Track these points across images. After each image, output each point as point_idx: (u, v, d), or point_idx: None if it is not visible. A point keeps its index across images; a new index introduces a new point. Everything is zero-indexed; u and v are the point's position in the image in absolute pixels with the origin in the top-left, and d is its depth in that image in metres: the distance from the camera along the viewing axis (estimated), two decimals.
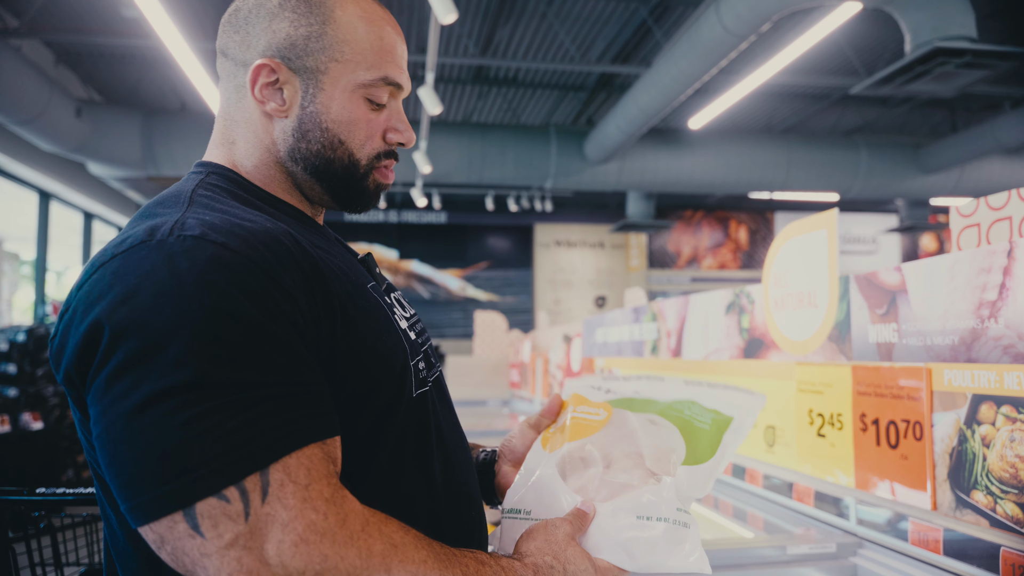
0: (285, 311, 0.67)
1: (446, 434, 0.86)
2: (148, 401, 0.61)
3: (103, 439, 0.63)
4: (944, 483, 1.15)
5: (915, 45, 4.41)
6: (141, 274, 0.64)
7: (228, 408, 0.61)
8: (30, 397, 5.10)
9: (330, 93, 0.81)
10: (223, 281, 0.64)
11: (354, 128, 0.83)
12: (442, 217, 12.06)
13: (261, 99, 0.82)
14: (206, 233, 0.67)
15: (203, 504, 0.60)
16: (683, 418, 0.90)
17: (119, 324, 0.62)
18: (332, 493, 0.64)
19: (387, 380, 0.77)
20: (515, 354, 5.12)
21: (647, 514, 0.81)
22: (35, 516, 1.36)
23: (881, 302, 1.34)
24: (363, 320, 0.76)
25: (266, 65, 0.80)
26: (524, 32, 6.90)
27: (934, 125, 9.60)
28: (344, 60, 0.81)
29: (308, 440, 0.64)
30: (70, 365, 0.66)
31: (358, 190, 0.86)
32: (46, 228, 7.71)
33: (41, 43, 6.80)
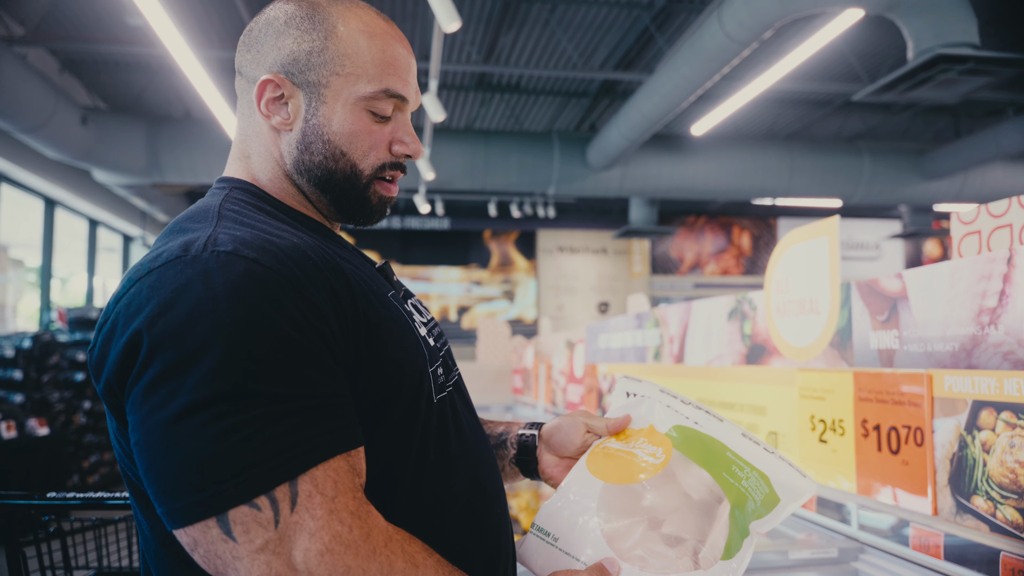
0: (314, 324, 0.70)
1: (468, 435, 0.87)
2: (185, 411, 0.64)
3: (141, 446, 0.66)
4: (945, 488, 1.15)
5: (917, 52, 4.42)
6: (177, 288, 0.67)
7: (260, 420, 0.65)
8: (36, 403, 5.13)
9: (332, 106, 0.83)
10: (255, 296, 0.67)
11: (356, 140, 0.84)
12: (445, 223, 12.09)
13: (267, 113, 0.85)
14: (238, 249, 0.70)
15: (236, 511, 0.63)
16: (739, 490, 0.86)
17: (157, 335, 0.65)
18: (357, 507, 0.67)
19: (408, 387, 0.79)
20: (518, 360, 5.13)
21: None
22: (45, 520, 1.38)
23: (882, 309, 1.35)
24: (385, 328, 0.78)
25: (271, 80, 0.83)
26: (527, 39, 6.93)
27: (937, 131, 9.61)
28: (345, 73, 0.83)
29: (334, 452, 0.67)
30: (111, 375, 0.69)
31: (360, 201, 0.88)
32: (51, 235, 7.75)
33: (46, 51, 6.85)
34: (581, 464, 0.90)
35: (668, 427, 0.92)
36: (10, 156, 6.39)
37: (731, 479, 0.86)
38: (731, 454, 0.88)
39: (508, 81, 8.17)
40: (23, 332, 5.45)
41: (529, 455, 1.00)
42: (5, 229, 6.99)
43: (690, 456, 0.88)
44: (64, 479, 5.12)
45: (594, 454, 0.91)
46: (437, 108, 5.59)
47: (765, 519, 0.86)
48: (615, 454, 0.89)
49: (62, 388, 5.69)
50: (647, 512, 0.83)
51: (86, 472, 5.86)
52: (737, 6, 4.65)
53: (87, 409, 6.03)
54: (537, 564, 0.86)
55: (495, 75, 7.97)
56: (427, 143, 7.02)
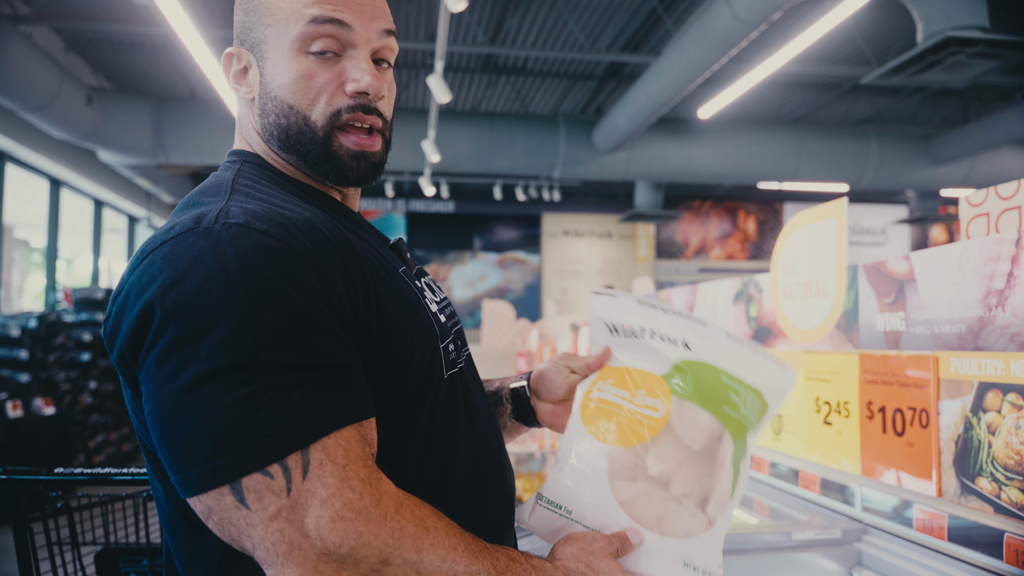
0: (324, 296, 0.70)
1: (478, 412, 0.88)
2: (198, 381, 0.64)
3: (155, 415, 0.67)
4: (949, 470, 1.15)
5: (927, 35, 4.38)
6: (189, 259, 0.67)
7: (272, 389, 0.65)
8: (42, 383, 5.16)
9: (273, 60, 0.81)
10: (266, 267, 0.67)
11: (299, 88, 0.79)
12: (450, 206, 12.07)
13: (235, 86, 0.85)
14: (250, 221, 0.70)
15: (249, 479, 0.64)
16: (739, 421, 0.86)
17: (170, 306, 0.66)
18: (368, 474, 0.67)
19: (418, 362, 0.79)
20: (523, 343, 5.14)
21: (694, 564, 0.80)
22: (52, 496, 1.39)
23: (889, 291, 1.35)
24: (395, 303, 0.78)
25: (230, 53, 0.84)
26: (533, 21, 6.87)
27: (946, 116, 9.52)
28: (275, 22, 0.80)
29: (346, 421, 0.68)
30: (123, 345, 0.69)
31: (326, 158, 0.81)
32: (57, 215, 7.76)
33: (51, 30, 6.81)
34: (576, 420, 0.88)
35: (664, 367, 0.88)
36: (15, 135, 6.38)
37: (731, 411, 0.86)
38: (726, 377, 0.87)
39: (514, 63, 8.11)
40: (29, 312, 5.48)
41: (524, 406, 1.01)
42: (10, 209, 7.00)
43: (690, 399, 0.86)
44: (70, 459, 5.17)
45: (587, 406, 0.88)
46: (443, 90, 5.55)
47: (758, 428, 0.87)
48: (611, 409, 0.86)
49: (68, 368, 5.73)
50: (656, 474, 0.82)
51: (92, 452, 5.91)
52: None
53: (93, 389, 6.07)
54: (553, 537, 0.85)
55: (501, 57, 7.91)
56: (432, 125, 6.99)
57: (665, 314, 0.90)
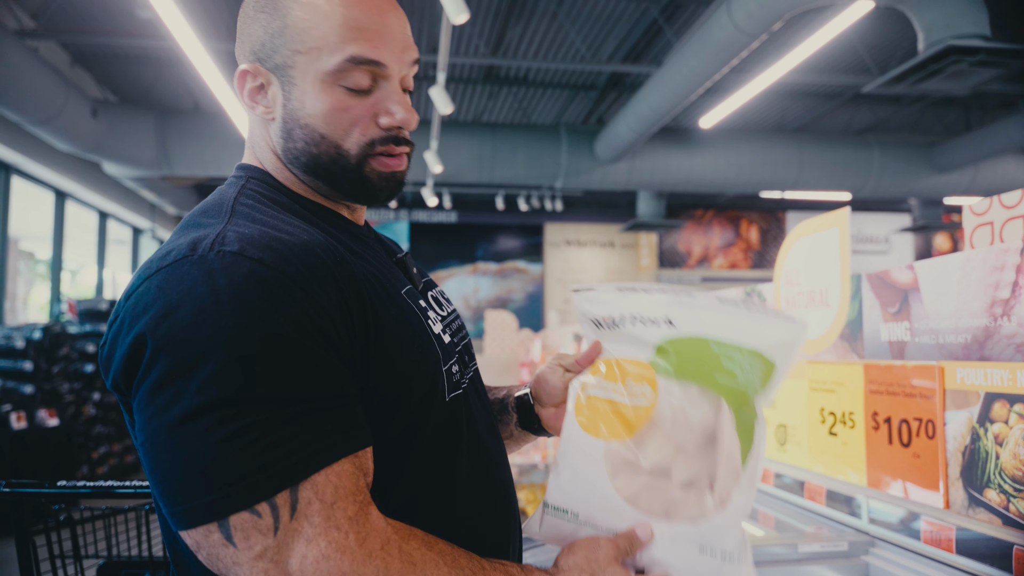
0: (319, 325, 0.69)
1: (481, 433, 0.87)
2: (188, 416, 0.64)
3: (146, 447, 0.67)
4: (957, 481, 1.15)
5: (928, 43, 4.38)
6: (182, 290, 0.67)
7: (262, 425, 0.64)
8: (46, 394, 5.16)
9: (302, 87, 0.78)
10: (259, 299, 0.67)
11: (332, 120, 0.79)
12: (452, 216, 12.09)
13: (251, 104, 0.82)
14: (244, 248, 0.69)
15: (236, 517, 0.63)
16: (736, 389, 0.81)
17: (161, 338, 0.65)
18: (356, 511, 0.66)
19: (418, 386, 0.78)
20: (525, 353, 5.13)
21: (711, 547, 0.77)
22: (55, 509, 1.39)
23: (893, 300, 1.34)
24: (395, 328, 0.77)
25: (246, 71, 0.81)
26: (535, 32, 6.90)
27: (948, 124, 9.53)
28: (307, 50, 0.77)
29: (337, 456, 0.67)
30: (117, 373, 0.70)
31: (357, 182, 0.82)
32: (62, 227, 7.79)
33: (58, 44, 6.87)
34: (570, 419, 0.86)
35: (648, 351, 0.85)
36: (21, 148, 6.42)
37: (726, 379, 0.81)
38: (716, 346, 0.82)
39: (516, 74, 8.14)
40: (33, 324, 5.49)
41: (529, 413, 1.01)
42: (16, 221, 7.03)
43: (678, 376, 0.82)
44: (73, 470, 5.16)
45: (579, 404, 0.86)
46: (445, 101, 5.58)
47: (766, 391, 0.83)
48: (602, 403, 0.84)
49: (72, 379, 5.73)
50: (654, 463, 0.80)
51: (95, 463, 5.90)
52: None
53: (96, 400, 6.07)
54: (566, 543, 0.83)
55: (503, 68, 7.95)
56: (435, 136, 7.01)
57: (648, 294, 0.86)
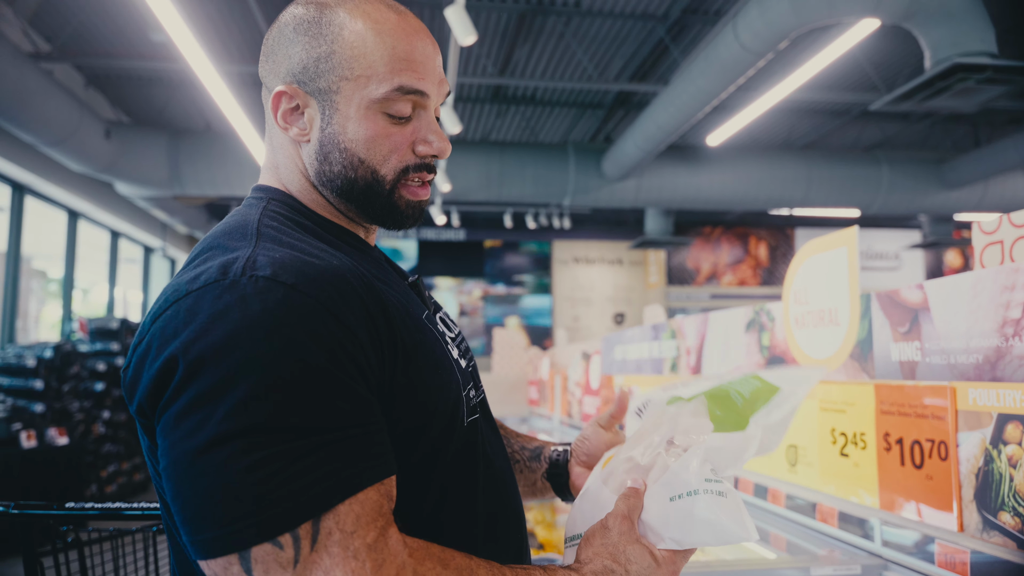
0: (350, 353, 0.68)
1: (492, 457, 0.88)
2: (213, 442, 0.63)
3: (169, 472, 0.65)
4: (971, 504, 1.13)
5: (935, 61, 4.39)
6: (214, 314, 0.66)
7: (288, 455, 0.63)
8: (56, 413, 5.18)
9: (345, 112, 0.80)
10: (292, 326, 0.66)
11: (374, 145, 0.80)
12: (461, 234, 12.13)
13: (284, 125, 0.82)
14: (277, 274, 0.68)
15: (258, 549, 0.62)
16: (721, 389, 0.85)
17: (191, 362, 0.64)
18: (375, 539, 0.65)
19: (441, 413, 0.78)
20: (534, 371, 5.11)
21: (677, 492, 0.77)
22: (63, 530, 1.39)
23: (903, 320, 1.33)
24: (421, 355, 0.77)
25: (284, 92, 0.81)
26: (542, 52, 6.96)
27: (956, 140, 9.51)
28: (355, 77, 0.79)
29: (362, 485, 0.66)
30: (143, 398, 0.68)
31: (387, 208, 0.84)
32: (74, 246, 7.86)
33: (72, 67, 6.97)
34: (594, 471, 0.90)
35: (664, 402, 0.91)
36: (35, 169, 6.50)
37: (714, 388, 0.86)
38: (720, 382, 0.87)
39: (523, 93, 8.20)
40: (45, 342, 5.52)
41: (560, 470, 1.02)
42: (29, 241, 7.10)
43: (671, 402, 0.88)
44: (82, 489, 5.17)
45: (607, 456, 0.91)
46: (453, 120, 5.62)
47: (767, 408, 0.83)
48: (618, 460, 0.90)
49: (82, 398, 5.76)
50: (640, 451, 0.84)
51: (104, 482, 5.90)
52: (752, 17, 4.65)
53: (106, 419, 6.08)
54: None
55: (510, 87, 8.01)
56: None
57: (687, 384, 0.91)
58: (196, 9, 5.82)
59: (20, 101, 5.06)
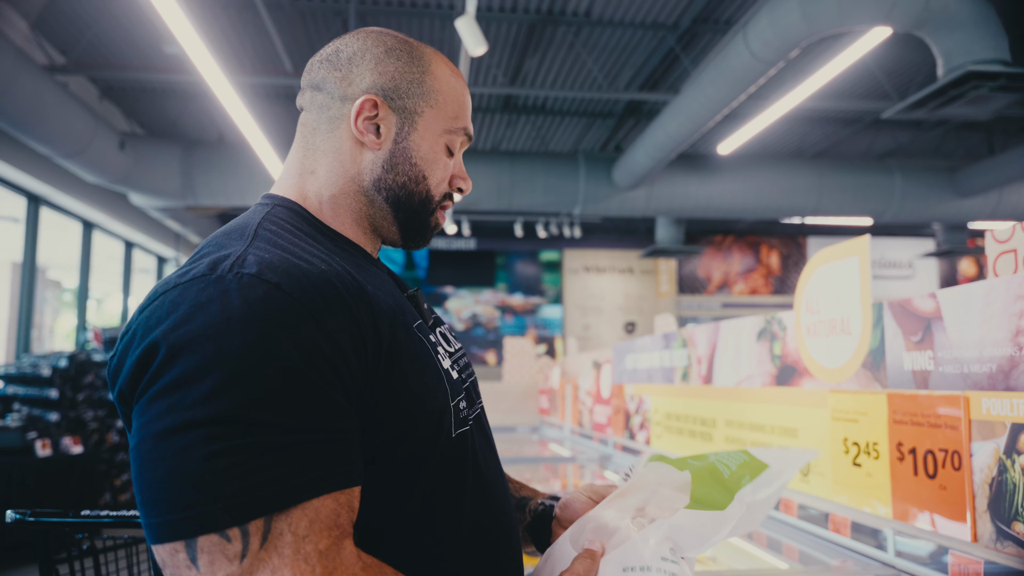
0: (327, 356, 0.69)
1: (485, 472, 0.87)
2: (179, 428, 0.63)
3: (134, 455, 0.66)
4: (984, 514, 1.12)
5: (947, 69, 4.37)
6: (196, 305, 0.68)
7: (249, 449, 0.63)
8: (71, 422, 5.22)
9: (422, 134, 0.89)
10: (270, 323, 0.67)
11: (435, 168, 0.91)
12: (471, 244, 12.16)
13: (361, 130, 0.88)
14: (262, 272, 0.70)
15: (205, 539, 0.62)
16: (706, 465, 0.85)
17: (170, 349, 0.66)
18: (328, 545, 0.65)
19: (424, 422, 0.78)
20: (544, 380, 5.11)
21: (631, 564, 0.77)
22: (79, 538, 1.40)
23: (916, 329, 1.33)
24: (407, 362, 0.78)
25: (372, 99, 0.87)
26: (552, 61, 6.99)
27: (970, 148, 9.45)
28: (437, 107, 0.90)
29: (319, 492, 0.66)
30: (124, 383, 0.70)
31: (424, 224, 0.93)
32: (88, 256, 7.94)
33: (87, 79, 7.07)
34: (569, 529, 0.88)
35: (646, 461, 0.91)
36: (50, 180, 6.58)
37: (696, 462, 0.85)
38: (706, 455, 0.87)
39: (534, 103, 8.23)
40: (59, 352, 5.57)
41: (543, 525, 1.00)
42: (44, 251, 7.18)
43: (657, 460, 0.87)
44: (96, 497, 5.20)
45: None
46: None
47: (754, 485, 0.83)
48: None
49: (96, 407, 5.80)
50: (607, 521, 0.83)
51: (118, 490, 5.94)
52: (763, 26, 4.65)
53: (120, 428, 6.12)
54: None
55: (521, 97, 8.05)
56: None
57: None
58: (210, 22, 5.89)
59: (36, 113, 5.13)
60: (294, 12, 5.95)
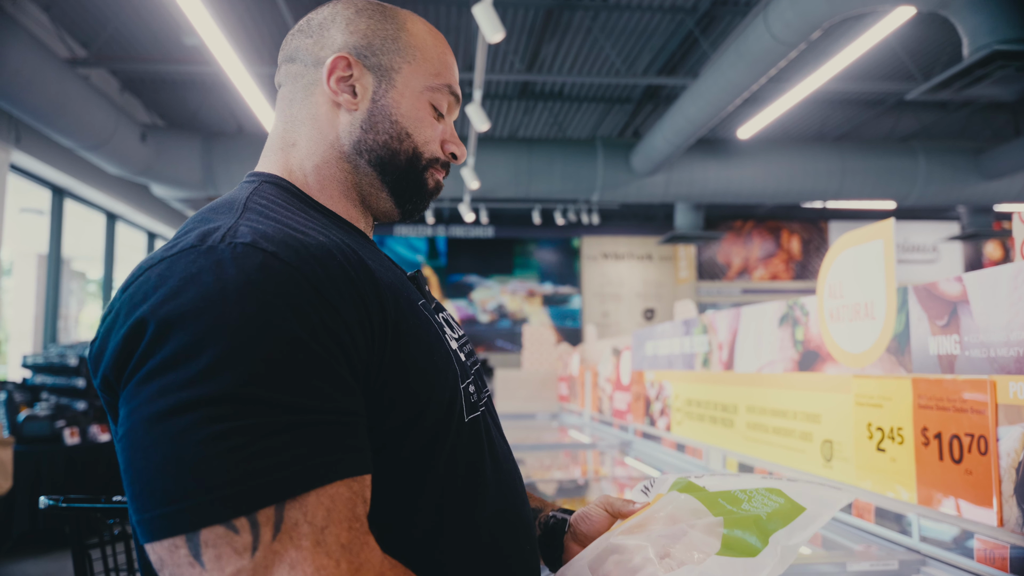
0: (331, 330, 0.63)
1: (500, 460, 0.82)
2: (173, 410, 0.57)
3: (124, 443, 0.59)
4: (1011, 499, 1.11)
5: (973, 48, 4.28)
6: (187, 277, 0.61)
7: (255, 430, 0.57)
8: (98, 410, 5.31)
9: (401, 91, 0.85)
10: (270, 292, 0.61)
11: (420, 125, 0.86)
12: (489, 231, 12.16)
13: (335, 90, 0.83)
14: (257, 241, 0.64)
15: (209, 531, 0.55)
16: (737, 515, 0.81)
17: (159, 324, 0.59)
18: (350, 539, 0.59)
19: (436, 404, 0.72)
20: (564, 367, 5.12)
21: None
22: (110, 523, 1.43)
23: (942, 313, 1.31)
24: (413, 339, 0.72)
25: (344, 58, 0.83)
26: (569, 47, 6.94)
27: (996, 129, 9.27)
28: (415, 63, 0.86)
29: (334, 477, 0.60)
30: (108, 368, 0.63)
31: (418, 184, 0.88)
32: (112, 248, 8.05)
33: (108, 72, 7.14)
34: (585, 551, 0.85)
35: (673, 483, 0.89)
36: (74, 173, 6.67)
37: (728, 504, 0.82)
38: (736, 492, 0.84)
39: (551, 89, 8.19)
40: (85, 342, 5.67)
41: (555, 539, 0.93)
42: (68, 243, 7.29)
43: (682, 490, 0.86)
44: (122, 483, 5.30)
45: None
46: (481, 118, 5.64)
47: (789, 528, 0.80)
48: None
49: None
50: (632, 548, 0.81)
51: None
52: (783, 7, 4.58)
53: None
54: None
55: (538, 83, 8.00)
56: (471, 152, 7.08)
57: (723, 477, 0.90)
58: (228, 13, 5.91)
59: (59, 107, 5.20)
60: (311, 1, 5.96)
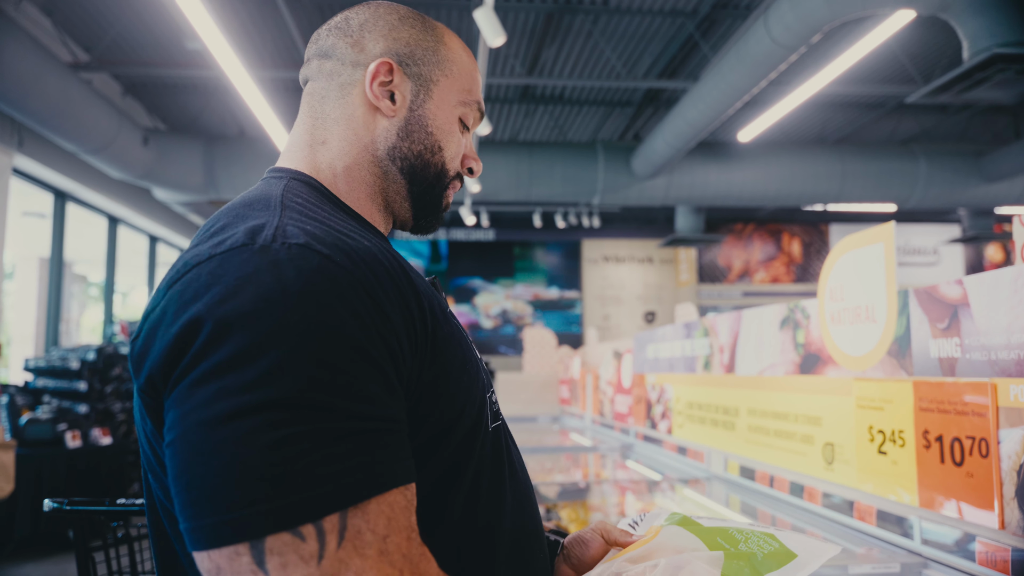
0: (384, 336, 0.63)
1: (517, 470, 0.83)
2: (234, 414, 0.56)
3: (175, 447, 0.58)
4: (1012, 501, 1.12)
5: (973, 52, 4.29)
6: (243, 276, 0.60)
7: (318, 436, 0.56)
8: (99, 413, 5.32)
9: (437, 103, 0.86)
10: (330, 295, 0.61)
11: (450, 139, 0.87)
12: (490, 235, 12.17)
13: (376, 95, 0.83)
14: (310, 243, 0.63)
15: (275, 539, 0.54)
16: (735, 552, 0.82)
17: (217, 324, 0.58)
18: (411, 550, 0.59)
19: (468, 412, 0.73)
20: (565, 370, 5.12)
21: None
22: (113, 526, 1.43)
23: (942, 316, 1.32)
24: (449, 348, 0.72)
25: (387, 63, 0.83)
26: (570, 50, 6.96)
27: (996, 132, 9.28)
28: (451, 77, 0.87)
29: (392, 484, 0.59)
30: (155, 368, 0.61)
31: (437, 200, 0.89)
32: (114, 251, 8.06)
33: (110, 76, 7.16)
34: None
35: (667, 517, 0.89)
36: (76, 176, 6.68)
37: (725, 543, 0.83)
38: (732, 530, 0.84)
39: (552, 92, 8.21)
40: (87, 345, 5.68)
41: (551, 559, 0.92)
42: (70, 246, 7.30)
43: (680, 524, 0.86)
44: (125, 487, 5.30)
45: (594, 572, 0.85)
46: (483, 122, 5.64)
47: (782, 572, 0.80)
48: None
49: (124, 399, 5.90)
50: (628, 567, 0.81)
51: None
52: (784, 10, 4.59)
53: None
54: None
55: (539, 87, 8.02)
56: None
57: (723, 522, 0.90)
58: (230, 17, 5.93)
59: (61, 110, 5.21)
60: (312, 6, 5.97)
